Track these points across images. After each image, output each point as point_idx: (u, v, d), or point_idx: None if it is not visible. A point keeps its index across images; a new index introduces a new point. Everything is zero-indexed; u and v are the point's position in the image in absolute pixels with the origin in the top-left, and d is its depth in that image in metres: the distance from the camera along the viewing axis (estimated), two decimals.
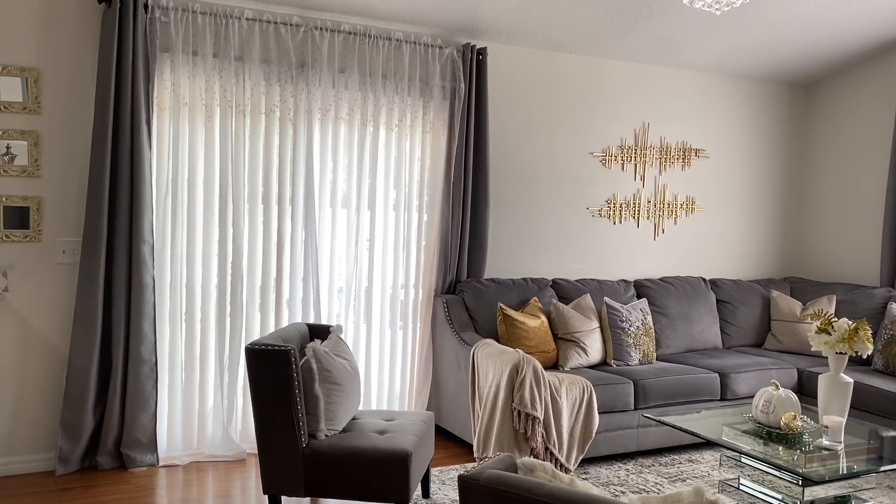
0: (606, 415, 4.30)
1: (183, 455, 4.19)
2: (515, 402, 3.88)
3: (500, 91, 5.04)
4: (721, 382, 4.69)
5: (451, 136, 4.76)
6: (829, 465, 3.12)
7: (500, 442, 3.91)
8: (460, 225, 4.78)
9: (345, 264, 4.61)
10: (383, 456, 3.13)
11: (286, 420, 3.14)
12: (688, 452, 4.61)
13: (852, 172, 5.86)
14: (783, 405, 3.39)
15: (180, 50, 4.04)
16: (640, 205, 5.60)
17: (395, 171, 4.69)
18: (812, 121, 6.19)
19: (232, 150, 4.21)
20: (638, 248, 5.64)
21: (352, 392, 3.39)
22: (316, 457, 3.16)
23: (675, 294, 5.32)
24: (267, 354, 3.11)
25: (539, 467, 1.99)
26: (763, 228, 6.16)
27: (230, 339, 4.29)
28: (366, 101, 4.52)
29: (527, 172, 5.20)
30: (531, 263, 5.28)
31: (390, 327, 4.79)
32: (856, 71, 5.82)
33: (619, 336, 4.73)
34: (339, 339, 3.56)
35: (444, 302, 4.73)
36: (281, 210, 4.39)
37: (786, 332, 5.39)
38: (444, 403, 4.72)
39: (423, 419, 3.57)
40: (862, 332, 3.41)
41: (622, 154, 5.50)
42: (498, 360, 4.04)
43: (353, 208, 4.58)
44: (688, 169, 5.77)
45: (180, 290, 4.19)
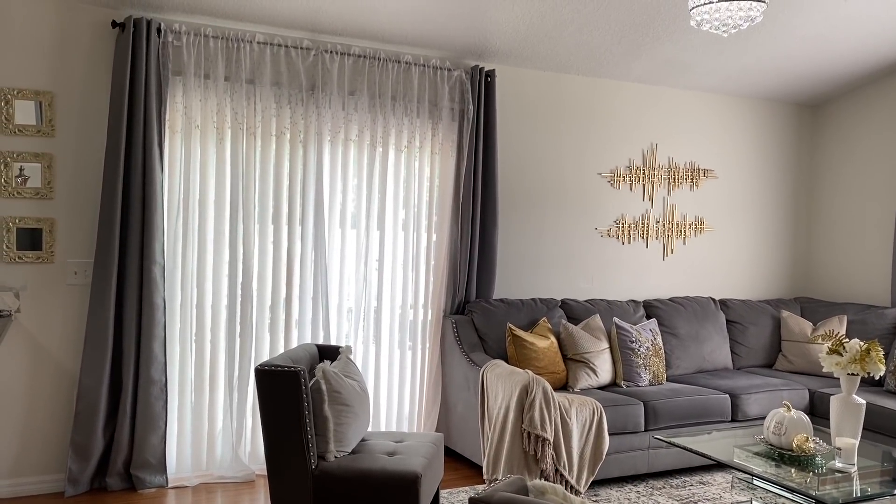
0: (617, 436, 4.28)
1: (192, 476, 4.19)
2: (525, 423, 3.86)
3: (508, 112, 5.07)
4: (732, 403, 4.66)
5: (460, 157, 4.78)
6: (842, 487, 3.09)
7: (509, 463, 3.89)
8: (469, 245, 4.79)
9: (354, 285, 4.62)
10: (393, 478, 3.11)
11: (295, 441, 3.14)
12: (699, 474, 4.57)
13: (861, 192, 5.85)
14: (795, 427, 3.37)
15: (192, 73, 4.09)
16: (648, 225, 5.60)
17: (404, 192, 4.72)
18: (820, 141, 6.19)
19: (242, 172, 4.25)
20: (647, 269, 5.63)
21: (361, 413, 3.39)
22: (325, 478, 3.15)
23: (685, 314, 5.30)
24: (276, 375, 3.12)
25: (550, 490, 1.98)
26: (772, 248, 6.14)
27: (240, 360, 4.29)
28: (375, 122, 4.55)
29: (535, 193, 5.21)
30: (540, 284, 5.28)
31: (399, 348, 4.79)
32: (863, 91, 5.83)
33: (629, 357, 4.71)
34: (349, 360, 3.56)
35: (453, 322, 4.73)
36: (291, 230, 4.41)
37: (797, 352, 5.36)
38: (453, 425, 4.71)
39: (432, 440, 3.55)
40: (874, 353, 3.39)
41: (630, 174, 5.51)
42: (507, 381, 4.03)
43: (362, 228, 4.60)
44: (696, 189, 5.78)
45: (190, 311, 4.21)
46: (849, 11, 4.49)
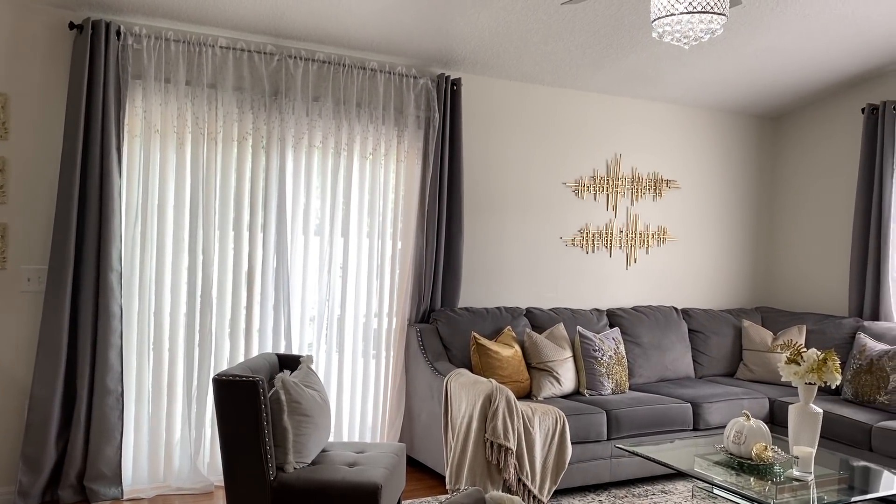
0: (579, 445, 4.28)
1: (149, 488, 4.09)
2: (488, 432, 3.85)
3: (474, 121, 5.08)
4: (693, 412, 4.70)
5: (426, 166, 4.77)
6: (799, 495, 3.13)
7: (472, 473, 3.87)
8: (434, 253, 4.77)
9: (317, 293, 4.57)
10: (353, 489, 3.07)
11: (254, 452, 3.08)
12: (661, 483, 4.60)
13: (820, 203, 5.96)
14: (754, 436, 3.40)
15: (152, 77, 4.02)
16: (612, 234, 5.64)
17: (369, 200, 4.68)
18: (781, 153, 6.30)
19: (203, 178, 4.18)
20: (610, 278, 5.67)
21: (321, 424, 3.34)
22: (284, 490, 3.10)
23: (648, 323, 5.34)
24: (234, 386, 3.06)
25: (508, 501, 1.96)
26: (734, 258, 6.23)
27: (199, 370, 4.22)
28: (339, 129, 4.52)
29: (501, 202, 5.21)
30: (505, 292, 5.27)
31: (363, 357, 4.74)
32: (822, 104, 5.94)
33: (592, 365, 4.73)
34: (310, 370, 3.51)
35: (417, 331, 4.70)
36: (252, 237, 4.35)
37: (757, 361, 5.43)
38: (417, 434, 4.67)
39: (394, 451, 3.52)
40: (830, 363, 3.44)
41: (595, 184, 5.55)
42: (471, 391, 4.01)
43: (325, 236, 4.55)
44: (659, 199, 5.83)
45: (148, 319, 4.12)
46: (808, 26, 4.58)
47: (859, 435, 4.42)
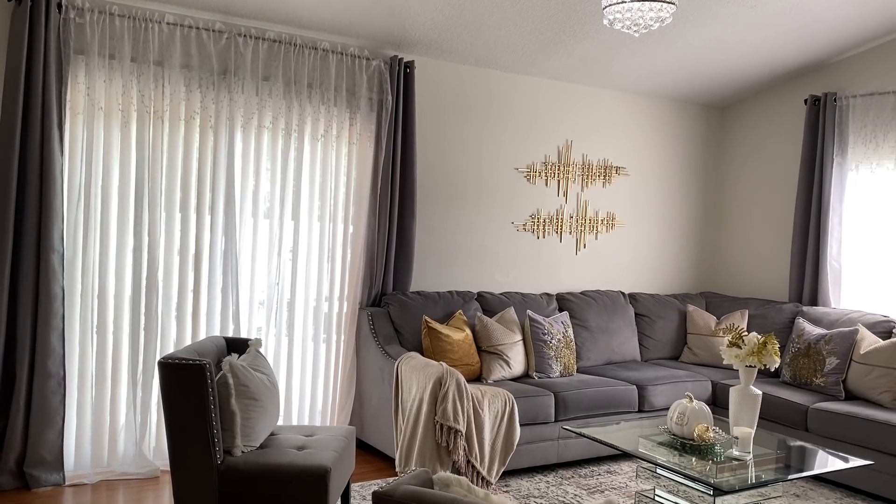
0: (528, 427, 4.34)
1: (92, 473, 4.01)
2: (438, 415, 3.87)
3: (427, 105, 5.06)
4: (639, 394, 4.80)
5: (378, 149, 4.74)
6: (739, 474, 3.23)
7: (422, 455, 3.89)
8: (386, 237, 4.76)
9: (266, 276, 4.52)
10: (301, 472, 3.06)
11: (200, 436, 3.04)
12: (607, 464, 4.70)
13: (764, 192, 6.12)
14: (697, 417, 3.49)
15: (96, 53, 3.90)
16: (562, 220, 5.70)
17: (321, 182, 4.64)
18: (727, 142, 6.45)
19: (149, 157, 4.09)
20: (560, 263, 5.74)
21: (270, 407, 3.32)
22: (231, 474, 3.07)
23: (596, 307, 5.43)
24: (180, 369, 3.01)
25: (455, 482, 1.98)
26: (680, 244, 6.36)
27: (144, 353, 4.14)
28: (290, 110, 4.46)
29: (453, 186, 5.22)
30: (457, 276, 5.30)
31: (313, 341, 4.72)
32: (768, 95, 6.09)
33: (542, 349, 4.79)
34: (258, 353, 3.48)
35: (368, 315, 4.69)
36: (200, 220, 4.27)
37: (701, 345, 5.57)
38: (367, 418, 4.68)
39: (343, 434, 3.52)
40: (770, 346, 3.55)
41: (546, 170, 5.60)
42: (422, 374, 4.03)
43: (275, 219, 4.50)
44: (609, 186, 5.92)
45: (92, 302, 4.02)
46: (755, 16, 4.68)
47: (796, 416, 4.58)
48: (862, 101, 5.30)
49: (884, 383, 4.48)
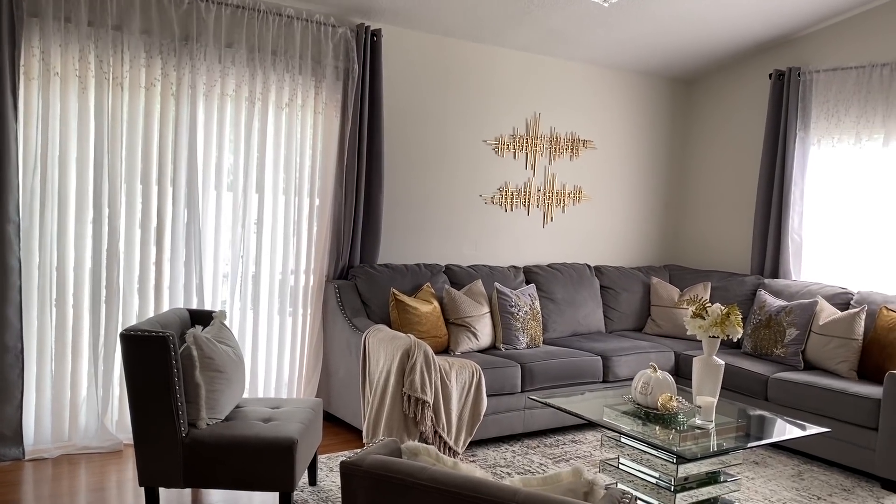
0: (495, 398, 4.37)
1: (52, 448, 3.95)
2: (406, 386, 3.88)
3: (394, 75, 5.00)
4: (603, 365, 4.86)
5: (345, 119, 4.67)
6: (701, 443, 3.29)
7: (389, 427, 3.90)
8: (353, 209, 4.71)
9: (231, 249, 4.46)
10: (267, 444, 3.05)
11: (164, 409, 3.00)
12: (572, 433, 4.76)
13: (728, 166, 6.19)
14: (660, 387, 3.54)
15: (51, 16, 3.77)
16: (530, 193, 5.70)
17: (286, 153, 4.56)
18: (692, 115, 6.49)
19: (108, 126, 3.97)
20: (528, 236, 5.75)
21: (235, 380, 3.28)
22: (196, 446, 3.04)
23: (562, 280, 5.46)
24: (143, 341, 2.96)
25: (423, 451, 1.98)
26: (645, 218, 6.42)
27: (105, 326, 4.06)
28: (254, 77, 4.36)
29: (421, 158, 5.18)
30: (425, 249, 5.28)
31: (279, 314, 4.67)
32: (734, 69, 6.13)
33: (509, 321, 4.81)
34: (223, 326, 3.44)
35: (335, 287, 4.66)
36: (161, 191, 4.18)
37: (664, 317, 5.64)
38: (334, 390, 4.66)
39: (310, 406, 3.50)
40: (733, 317, 3.61)
41: (514, 143, 5.58)
42: (389, 346, 4.02)
43: (239, 191, 4.42)
44: (576, 159, 5.93)
45: (50, 274, 3.93)
46: None
47: (757, 385, 4.68)
48: (825, 77, 5.37)
49: (841, 353, 4.59)
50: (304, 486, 3.67)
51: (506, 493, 1.68)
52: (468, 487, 1.70)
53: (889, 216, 5.05)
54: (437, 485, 1.73)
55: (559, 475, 1.85)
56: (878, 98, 5.07)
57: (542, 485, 1.85)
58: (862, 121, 5.16)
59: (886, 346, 4.45)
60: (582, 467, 1.80)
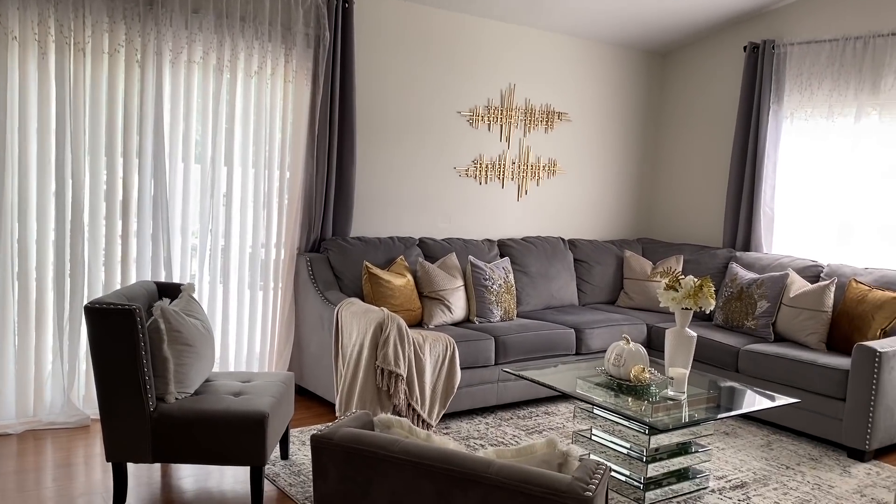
0: (468, 370, 4.36)
1: (17, 423, 3.86)
2: (379, 359, 3.84)
3: (367, 43, 4.90)
4: (577, 338, 4.87)
5: (316, 88, 4.57)
6: (673, 414, 3.31)
7: (362, 400, 3.87)
8: (325, 181, 4.63)
9: (199, 222, 4.36)
10: (238, 418, 3.00)
11: (131, 383, 2.94)
12: (545, 405, 4.77)
13: (702, 139, 6.19)
14: (633, 358, 3.55)
15: None
16: (504, 166, 5.66)
17: (255, 123, 4.46)
18: (667, 89, 6.47)
19: (70, 94, 3.84)
20: (502, 209, 5.72)
21: (204, 353, 3.22)
22: (165, 421, 2.99)
23: (536, 253, 5.45)
24: (108, 314, 2.89)
25: (396, 423, 1.95)
26: (619, 191, 6.41)
27: (71, 300, 3.97)
28: (222, 45, 4.24)
29: (394, 129, 5.11)
30: (398, 222, 5.22)
31: (249, 288, 4.60)
32: (707, 41, 6.11)
33: (483, 294, 4.79)
34: (191, 298, 3.37)
35: (307, 261, 4.60)
36: (127, 162, 4.07)
37: (637, 289, 5.66)
38: (306, 364, 4.62)
39: (281, 380, 3.46)
40: (706, 289, 3.61)
41: (489, 114, 5.52)
42: (362, 319, 3.98)
43: (207, 162, 4.32)
44: (551, 132, 5.88)
45: (11, 247, 3.81)
46: None
47: (728, 357, 4.72)
48: (799, 49, 5.37)
49: (811, 325, 4.64)
50: (276, 459, 3.63)
51: (479, 466, 1.65)
52: (441, 459, 1.68)
53: (859, 190, 5.10)
54: (409, 457, 1.70)
55: (533, 447, 1.83)
56: (850, 72, 5.09)
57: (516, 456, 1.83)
58: (834, 94, 5.17)
59: (855, 318, 4.51)
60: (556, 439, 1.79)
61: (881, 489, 3.70)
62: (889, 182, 4.97)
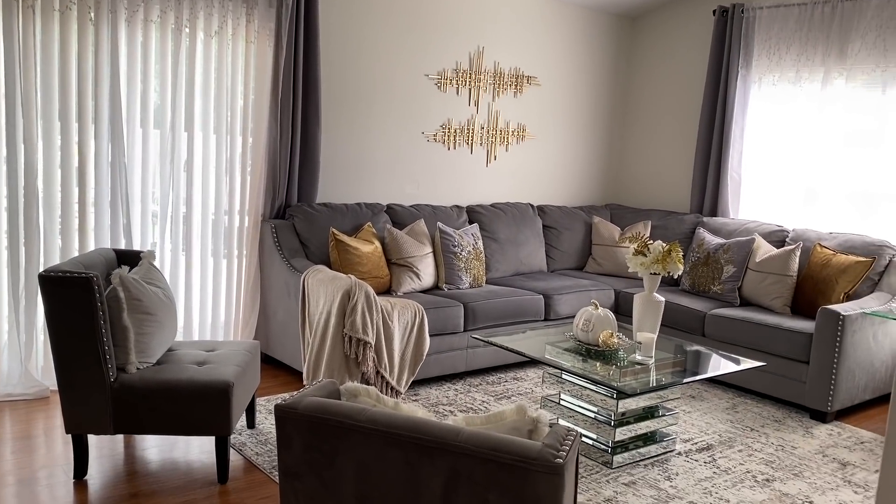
0: (437, 337, 4.33)
1: None
2: (347, 327, 3.80)
3: (332, 2, 4.75)
4: (545, 304, 4.87)
5: (279, 49, 4.44)
6: (640, 378, 3.32)
7: (330, 368, 3.83)
8: (290, 146, 4.53)
9: (159, 189, 4.24)
10: (202, 388, 2.94)
11: (90, 353, 2.86)
12: (514, 371, 4.78)
13: (671, 104, 6.17)
14: (602, 323, 3.55)
15: None
16: (473, 131, 5.59)
17: (216, 85, 4.32)
18: (636, 53, 6.42)
19: (20, 54, 3.67)
20: (471, 175, 5.66)
21: (166, 322, 3.14)
22: (126, 392, 2.91)
23: (505, 219, 5.42)
24: (64, 282, 2.79)
25: (363, 392, 1.91)
26: (588, 157, 6.38)
27: (26, 269, 3.84)
28: (180, 3, 4.08)
29: (361, 92, 4.99)
30: (365, 188, 5.14)
31: (213, 255, 4.50)
32: (677, 5, 6.06)
33: (451, 260, 4.75)
34: (151, 266, 3.27)
35: (272, 227, 4.50)
36: (83, 127, 3.92)
37: (605, 255, 5.67)
38: (273, 332, 4.55)
39: (247, 349, 3.39)
40: (674, 254, 3.61)
41: (457, 78, 5.43)
42: (329, 287, 3.92)
43: (167, 127, 4.18)
44: (520, 96, 5.81)
45: None
46: None
47: (694, 322, 4.76)
48: (768, 14, 5.34)
49: (776, 290, 4.69)
50: (243, 429, 3.58)
51: (448, 434, 1.62)
52: (409, 428, 1.64)
53: (824, 155, 5.13)
54: (376, 426, 1.66)
55: (503, 413, 1.81)
56: (818, 37, 5.08)
57: (485, 423, 1.80)
58: (802, 59, 5.17)
59: (819, 282, 4.56)
60: (526, 405, 1.76)
61: (842, 449, 3.78)
62: (853, 147, 5.01)
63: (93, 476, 3.06)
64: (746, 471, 3.45)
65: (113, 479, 3.04)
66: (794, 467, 3.51)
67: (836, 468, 3.53)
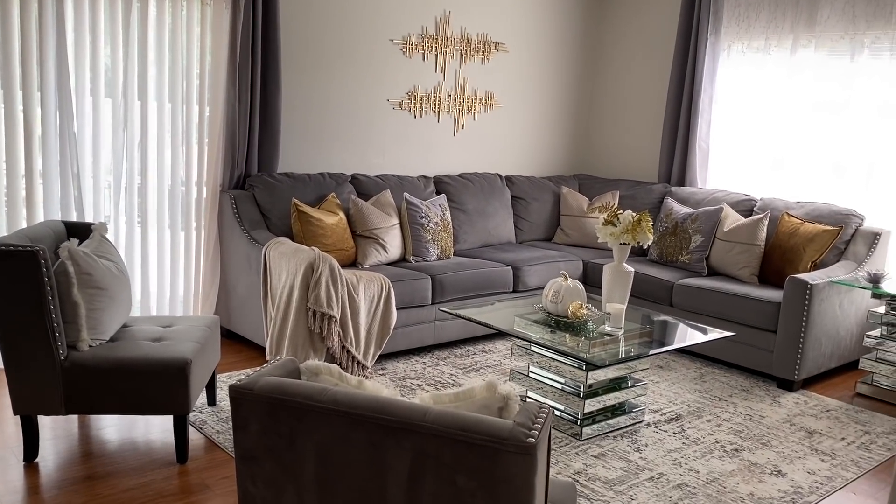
0: (404, 310, 4.25)
1: None
2: (311, 301, 3.69)
3: None
4: (514, 275, 4.80)
5: (236, 12, 4.25)
6: (609, 349, 3.28)
7: (294, 343, 3.72)
8: (248, 113, 4.36)
9: (112, 159, 4.05)
10: (158, 365, 2.82)
11: (38, 331, 2.71)
12: (482, 343, 4.72)
13: (640, 74, 6.10)
14: (571, 295, 3.49)
15: None
16: (440, 99, 5.46)
17: (171, 51, 4.13)
18: (605, 20, 6.32)
19: None
20: (438, 144, 5.54)
21: (119, 297, 3.00)
22: (77, 370, 2.78)
23: (473, 190, 5.32)
24: (9, 256, 2.63)
25: (325, 370, 1.81)
26: (556, 126, 6.30)
27: None
28: None
29: (323, 57, 4.82)
30: (329, 157, 4.99)
31: (170, 228, 4.34)
32: None
33: (419, 232, 4.65)
34: (103, 239, 3.12)
35: (231, 198, 4.35)
36: (27, 96, 3.71)
37: (574, 226, 5.62)
38: (234, 307, 4.42)
39: (206, 324, 3.27)
40: (644, 224, 3.56)
41: (423, 43, 5.28)
42: (292, 260, 3.80)
43: (119, 95, 3.99)
44: (487, 63, 5.69)
45: None
46: None
47: (662, 292, 4.74)
48: None
49: (743, 259, 4.68)
50: (203, 406, 3.47)
51: (415, 413, 1.54)
52: (373, 408, 1.55)
53: (792, 124, 5.11)
54: (339, 407, 1.57)
55: (472, 390, 1.73)
56: (787, 2, 5.03)
57: (454, 401, 1.72)
58: (771, 26, 5.12)
59: (787, 252, 4.56)
60: (496, 381, 1.68)
61: (809, 417, 3.79)
62: (821, 116, 4.99)
63: (45, 458, 2.93)
64: (715, 441, 3.44)
65: (67, 461, 2.92)
66: (762, 436, 3.52)
67: (804, 437, 3.54)
